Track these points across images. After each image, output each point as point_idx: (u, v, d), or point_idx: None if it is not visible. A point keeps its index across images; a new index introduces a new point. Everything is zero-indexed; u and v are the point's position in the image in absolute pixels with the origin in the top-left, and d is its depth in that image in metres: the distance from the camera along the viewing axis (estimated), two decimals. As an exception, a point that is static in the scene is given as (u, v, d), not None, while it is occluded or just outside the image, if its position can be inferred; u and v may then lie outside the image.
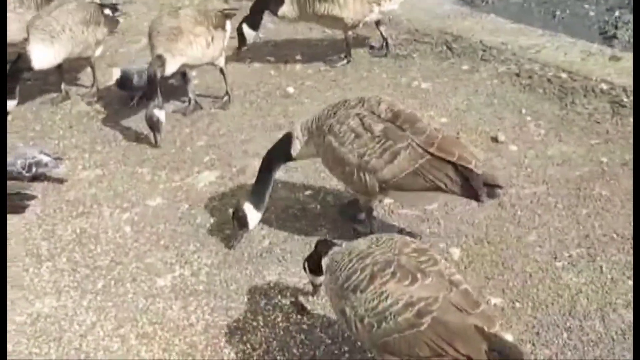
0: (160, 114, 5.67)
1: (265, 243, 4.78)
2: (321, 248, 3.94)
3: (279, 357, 4.04)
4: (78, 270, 4.68)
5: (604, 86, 5.84)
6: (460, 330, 3.31)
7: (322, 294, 4.33)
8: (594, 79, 5.93)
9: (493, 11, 7.34)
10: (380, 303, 3.41)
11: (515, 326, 4.07)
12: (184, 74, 6.08)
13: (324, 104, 5.07)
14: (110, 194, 5.32)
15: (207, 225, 4.96)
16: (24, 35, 6.02)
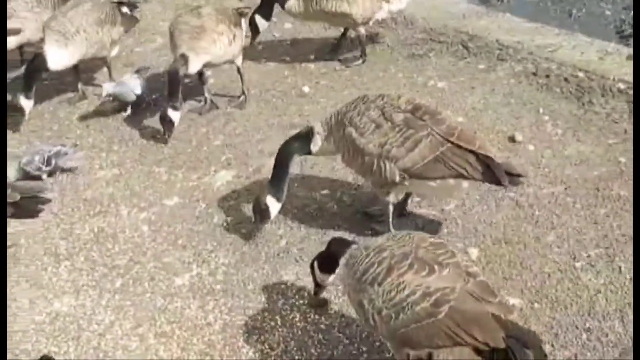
0: (174, 114, 5.68)
1: (282, 243, 4.78)
2: (339, 246, 3.94)
3: (297, 357, 4.04)
4: (96, 269, 4.71)
5: (622, 85, 5.80)
6: (478, 317, 3.32)
7: (339, 294, 4.34)
8: (611, 78, 5.90)
9: (508, 10, 7.33)
10: (398, 294, 3.42)
11: (533, 327, 4.04)
12: (200, 74, 6.09)
13: (340, 104, 5.09)
14: (127, 193, 5.34)
15: (224, 225, 4.97)
16: (41, 34, 6.06)
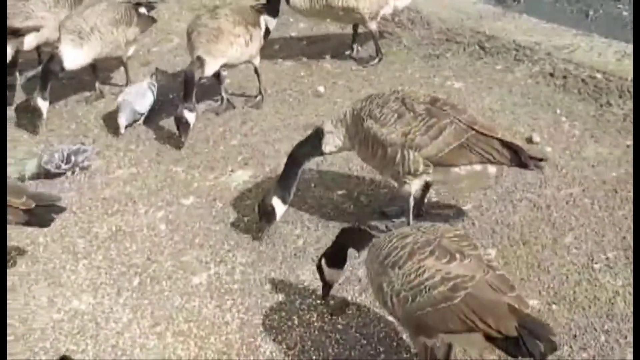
0: (190, 116, 5.69)
1: (299, 243, 4.79)
2: (346, 238, 4.03)
3: (314, 357, 4.05)
4: (114, 267, 4.73)
5: (640, 87, 5.78)
6: (493, 306, 3.36)
7: (357, 294, 4.34)
8: (629, 79, 5.87)
9: (525, 11, 7.30)
10: (417, 277, 3.47)
11: (552, 328, 4.05)
12: (217, 74, 6.09)
13: (356, 104, 5.09)
14: (144, 192, 5.36)
15: (241, 224, 4.98)
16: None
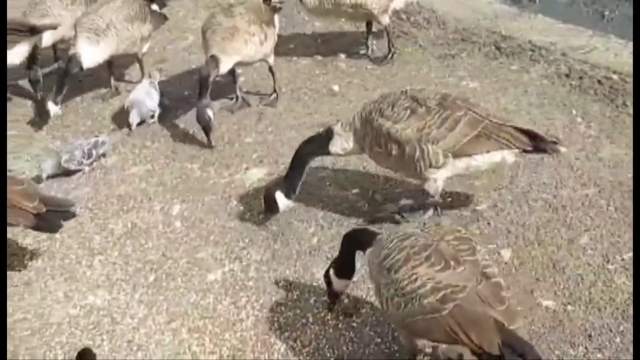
0: (211, 113, 5.71)
1: (314, 241, 4.80)
2: (351, 243, 4.04)
3: (328, 355, 4.06)
4: (130, 264, 4.75)
5: (656, 88, 5.76)
6: (479, 320, 3.37)
7: (371, 294, 4.34)
8: (645, 80, 5.86)
9: (541, 11, 7.28)
10: (409, 284, 3.50)
11: (567, 329, 4.04)
12: (232, 72, 6.10)
13: (371, 103, 5.09)
14: (160, 189, 5.38)
15: (256, 222, 4.99)
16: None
